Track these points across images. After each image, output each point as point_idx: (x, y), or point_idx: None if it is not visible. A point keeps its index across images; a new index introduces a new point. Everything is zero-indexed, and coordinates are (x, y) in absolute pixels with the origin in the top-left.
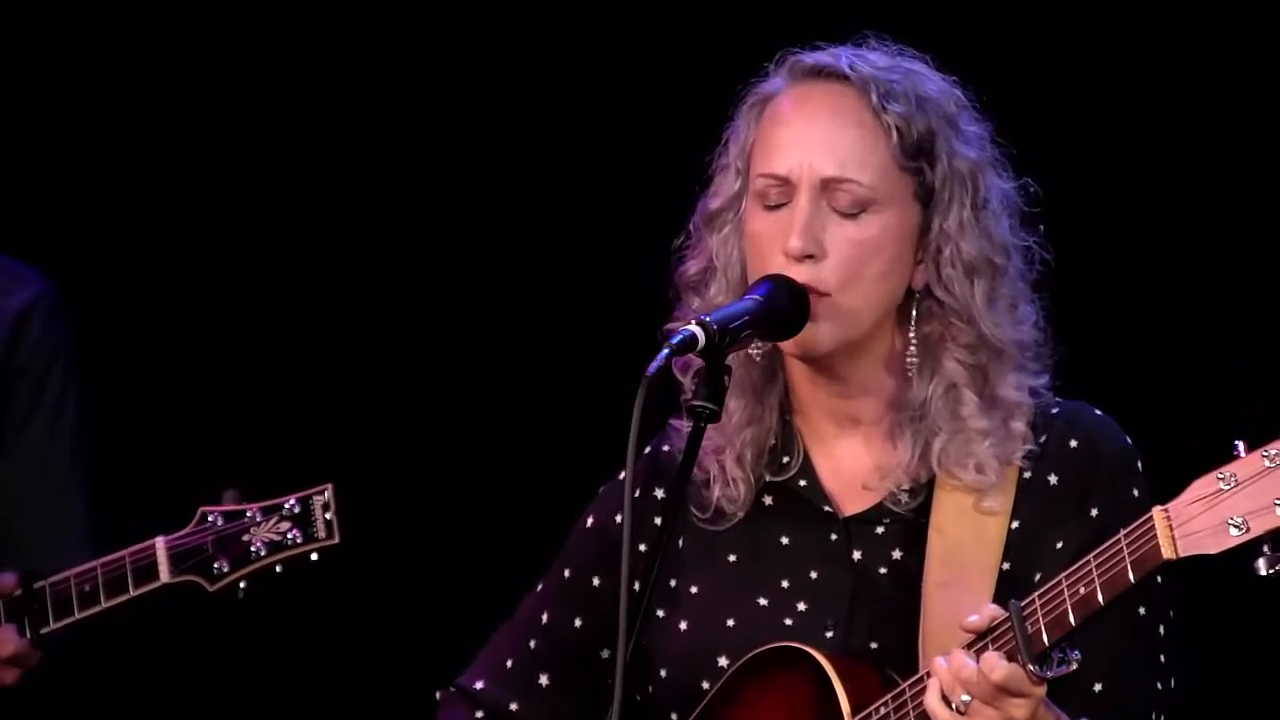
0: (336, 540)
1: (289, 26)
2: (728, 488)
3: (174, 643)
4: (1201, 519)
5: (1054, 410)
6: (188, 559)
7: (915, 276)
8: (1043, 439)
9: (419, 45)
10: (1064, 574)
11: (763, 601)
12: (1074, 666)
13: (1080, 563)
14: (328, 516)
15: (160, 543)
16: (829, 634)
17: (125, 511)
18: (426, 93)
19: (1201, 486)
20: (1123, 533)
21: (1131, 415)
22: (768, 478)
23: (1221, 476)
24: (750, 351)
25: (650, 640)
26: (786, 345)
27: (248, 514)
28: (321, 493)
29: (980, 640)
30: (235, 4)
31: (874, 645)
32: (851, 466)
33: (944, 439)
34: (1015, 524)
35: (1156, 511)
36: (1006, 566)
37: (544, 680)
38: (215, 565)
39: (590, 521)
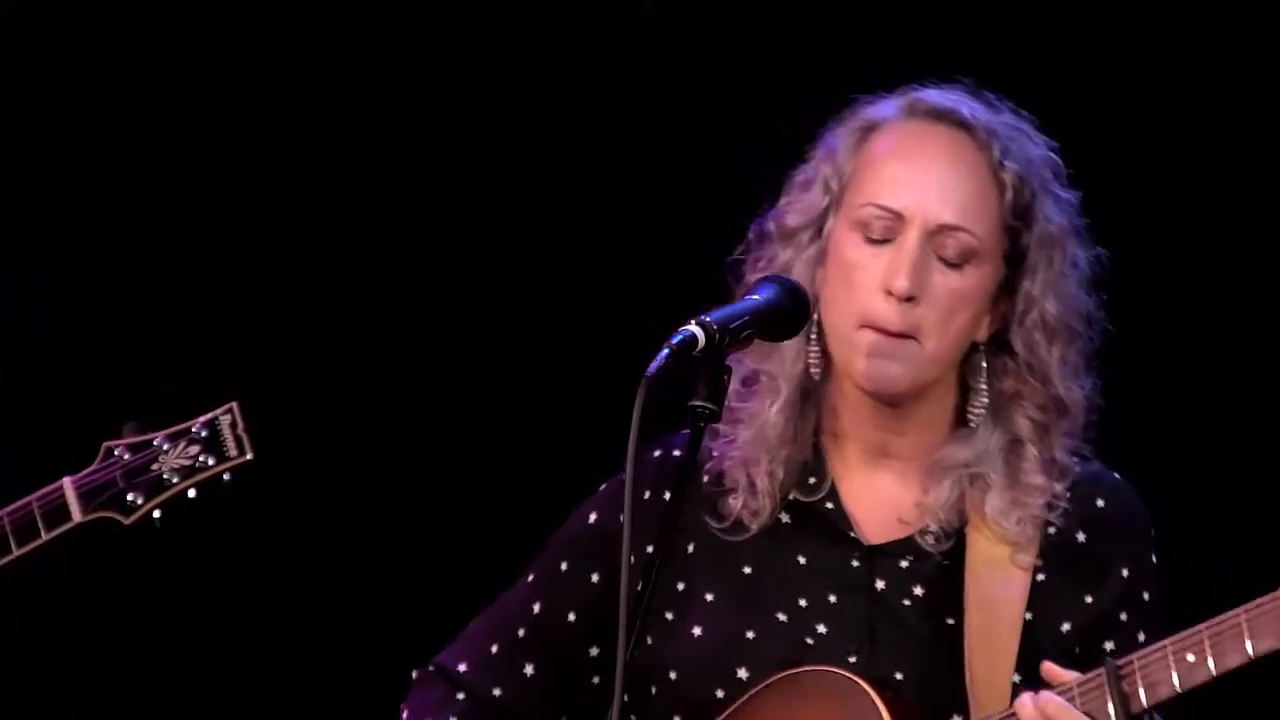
0: (250, 457)
1: (289, 28)
2: (753, 500)
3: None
4: None
5: (1074, 469)
6: (99, 495)
7: (981, 330)
8: (1067, 497)
9: (420, 49)
10: (1169, 640)
11: (782, 617)
12: None
13: (1190, 631)
14: (237, 434)
15: (68, 482)
16: (852, 658)
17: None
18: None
19: None
20: (1243, 609)
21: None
22: (793, 496)
23: None
24: (813, 371)
25: (658, 642)
26: (856, 377)
27: (154, 443)
28: (228, 412)
29: (1066, 692)
30: (235, 6)
31: (899, 675)
32: (879, 498)
33: (997, 490)
34: (1041, 577)
35: None
36: (1029, 617)
37: (529, 670)
38: (128, 498)
39: (593, 517)
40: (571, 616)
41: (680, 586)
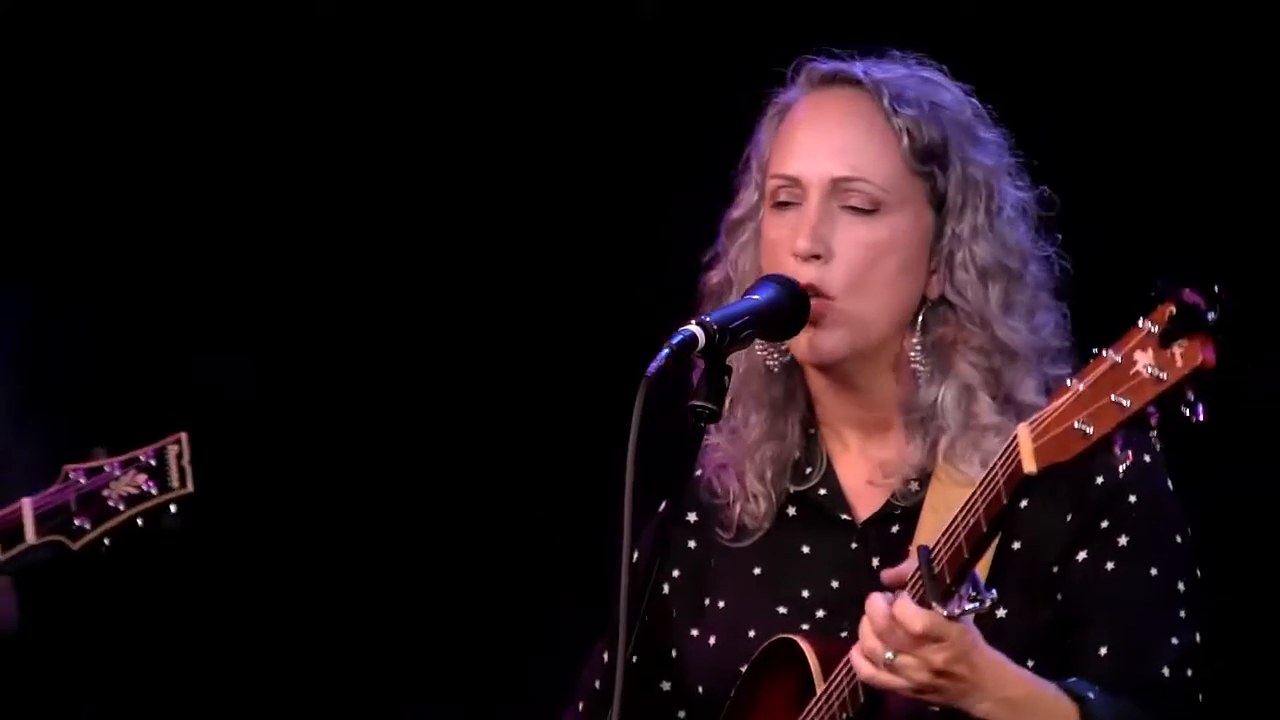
0: (190, 489)
1: (289, 28)
2: (748, 503)
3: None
4: (1056, 429)
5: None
6: (52, 518)
7: (930, 286)
8: None
9: (419, 49)
10: (960, 509)
11: (782, 610)
12: (985, 605)
13: (969, 495)
14: (182, 465)
15: (27, 503)
16: (844, 634)
17: None
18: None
19: (1057, 397)
20: (996, 457)
21: None
22: (791, 489)
23: (1070, 385)
24: (769, 364)
25: (687, 661)
26: (798, 352)
27: (106, 468)
28: (176, 442)
29: (900, 589)
30: (235, 6)
31: None
32: (870, 469)
33: (952, 434)
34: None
35: (1020, 428)
36: (1017, 546)
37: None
38: (76, 523)
39: (635, 558)
40: (634, 657)
41: (706, 601)
